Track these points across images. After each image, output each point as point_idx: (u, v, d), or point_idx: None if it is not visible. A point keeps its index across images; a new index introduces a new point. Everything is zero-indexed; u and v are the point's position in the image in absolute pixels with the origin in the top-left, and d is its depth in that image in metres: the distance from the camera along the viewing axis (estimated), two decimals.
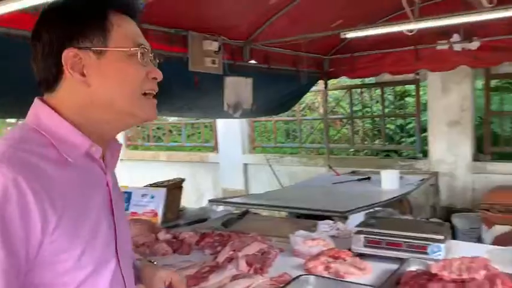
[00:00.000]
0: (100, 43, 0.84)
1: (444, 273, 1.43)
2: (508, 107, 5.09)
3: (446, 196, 4.99)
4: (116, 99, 0.86)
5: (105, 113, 0.87)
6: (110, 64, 0.85)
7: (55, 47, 0.84)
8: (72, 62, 0.83)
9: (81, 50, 0.83)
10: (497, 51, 4.33)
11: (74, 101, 0.86)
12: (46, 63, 0.85)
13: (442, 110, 5.01)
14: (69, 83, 0.85)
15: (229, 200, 3.60)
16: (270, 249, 1.95)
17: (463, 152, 4.92)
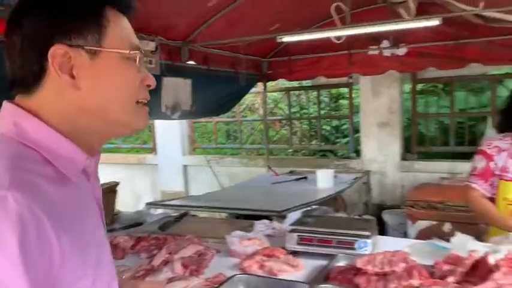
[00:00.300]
0: (94, 42, 0.74)
1: (368, 267, 1.53)
2: (433, 109, 5.45)
3: (378, 193, 5.27)
4: (109, 107, 0.76)
5: (94, 121, 0.76)
6: (104, 66, 0.75)
7: (40, 41, 0.71)
8: (60, 61, 0.71)
9: (72, 47, 0.72)
10: (423, 57, 4.64)
11: (58, 106, 0.74)
12: (25, 60, 0.73)
13: (373, 112, 5.28)
14: (53, 85, 0.73)
15: (167, 203, 3.56)
16: (207, 250, 1.97)
17: (392, 151, 5.22)
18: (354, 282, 1.51)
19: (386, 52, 4.77)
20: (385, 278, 1.48)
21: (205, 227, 2.71)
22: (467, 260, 1.49)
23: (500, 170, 2.19)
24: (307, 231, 1.97)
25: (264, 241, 2.06)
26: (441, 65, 4.61)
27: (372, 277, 1.50)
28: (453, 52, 4.48)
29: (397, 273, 1.47)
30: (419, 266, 1.52)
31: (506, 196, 2.16)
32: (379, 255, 1.59)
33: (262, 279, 1.61)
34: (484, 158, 2.24)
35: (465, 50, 4.44)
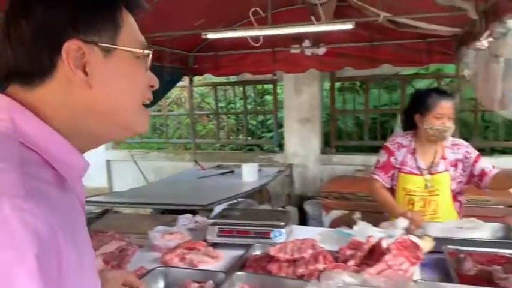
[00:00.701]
0: (109, 39, 0.70)
1: (280, 255, 1.67)
2: (350, 106, 5.81)
3: (300, 185, 5.53)
4: (119, 108, 0.73)
5: (100, 123, 0.72)
6: (117, 65, 0.71)
7: (54, 34, 0.66)
8: (74, 57, 0.67)
9: (87, 43, 0.67)
10: (340, 57, 4.94)
11: (63, 104, 0.69)
12: (35, 52, 0.66)
13: (295, 108, 5.52)
14: (61, 81, 0.68)
15: (89, 199, 3.50)
16: (129, 246, 2.00)
17: (312, 146, 5.50)
18: (267, 269, 1.65)
19: (307, 51, 5.01)
20: (295, 264, 1.63)
21: (128, 223, 2.73)
22: (366, 244, 1.68)
23: (400, 164, 2.46)
24: (227, 224, 2.08)
25: (185, 235, 2.14)
26: (357, 65, 4.95)
27: (283, 263, 1.65)
28: (367, 53, 4.83)
29: (305, 259, 1.63)
30: (324, 252, 1.69)
31: (405, 187, 2.44)
32: (290, 243, 1.74)
33: (182, 270, 1.69)
34: (387, 153, 2.51)
35: (378, 52, 4.80)
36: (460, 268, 1.66)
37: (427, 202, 2.38)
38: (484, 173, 2.33)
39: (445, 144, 2.44)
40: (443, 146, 2.44)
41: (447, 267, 1.67)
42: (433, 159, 2.41)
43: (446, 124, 2.31)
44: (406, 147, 2.48)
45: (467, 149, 2.42)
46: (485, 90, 3.15)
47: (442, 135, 2.34)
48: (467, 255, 1.73)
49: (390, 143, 2.54)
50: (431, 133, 2.35)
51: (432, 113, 2.33)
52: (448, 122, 2.32)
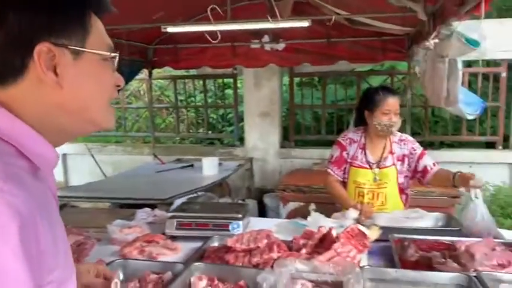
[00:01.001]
0: (78, 42, 0.74)
1: (237, 245, 1.74)
2: (308, 101, 5.95)
3: (259, 179, 5.63)
4: (89, 106, 0.78)
5: (70, 120, 0.77)
6: (86, 67, 0.76)
7: (26, 38, 0.70)
8: (45, 59, 0.71)
9: (57, 46, 0.72)
10: (299, 53, 5.05)
11: (35, 103, 0.73)
12: (8, 54, 0.70)
13: (255, 103, 5.60)
14: (32, 81, 0.72)
15: None
16: (86, 240, 2.01)
17: (272, 139, 5.61)
18: (225, 259, 1.72)
19: (267, 46, 5.09)
20: (250, 254, 1.71)
21: (86, 217, 2.71)
22: (317, 234, 1.78)
23: (351, 158, 2.59)
24: (186, 217, 2.13)
25: (144, 228, 2.17)
26: (315, 61, 5.08)
27: (240, 253, 1.72)
28: (325, 50, 4.97)
29: (260, 249, 1.71)
30: (279, 242, 1.77)
31: (355, 180, 2.57)
32: (246, 234, 1.81)
33: (140, 262, 1.72)
34: (339, 148, 2.63)
35: (335, 49, 4.95)
36: (403, 254, 1.79)
37: (375, 194, 2.52)
38: (426, 170, 2.48)
39: (393, 139, 2.58)
40: (392, 141, 2.58)
41: (392, 254, 1.80)
42: (382, 154, 2.55)
43: (393, 119, 2.45)
44: (357, 142, 2.61)
45: (413, 145, 2.57)
46: (432, 87, 3.35)
47: (390, 130, 2.48)
48: (410, 242, 1.86)
49: (342, 139, 2.67)
50: (379, 128, 2.48)
51: (380, 109, 2.46)
52: (394, 117, 2.46)
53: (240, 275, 1.57)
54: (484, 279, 1.45)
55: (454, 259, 1.72)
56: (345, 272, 1.46)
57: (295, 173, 4.16)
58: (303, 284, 1.47)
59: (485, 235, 1.91)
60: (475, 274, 1.51)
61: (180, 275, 1.53)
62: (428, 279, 1.52)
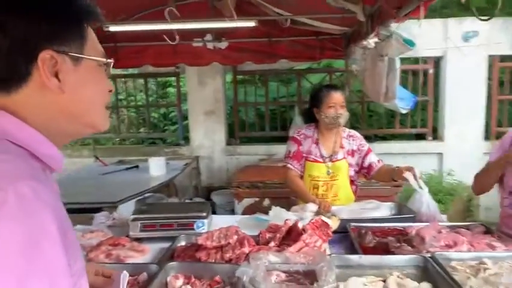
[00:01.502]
0: (78, 50, 0.79)
1: (208, 243, 1.77)
2: (251, 98, 6.06)
3: (206, 177, 5.65)
4: (89, 110, 0.83)
5: (71, 123, 0.81)
6: (85, 73, 0.80)
7: (29, 45, 0.73)
8: (48, 65, 0.74)
9: (59, 53, 0.75)
10: (241, 52, 5.12)
11: (39, 107, 0.76)
12: (12, 61, 0.73)
13: (199, 101, 5.60)
14: (36, 87, 0.75)
15: None
16: None
17: (218, 137, 5.65)
18: (196, 257, 1.75)
19: (209, 45, 5.10)
20: (222, 250, 1.76)
21: None
22: (283, 227, 1.87)
23: (306, 153, 2.71)
24: (149, 218, 2.12)
25: (106, 232, 2.13)
26: (257, 60, 5.18)
27: (211, 250, 1.76)
28: (266, 49, 5.09)
29: (231, 245, 1.76)
30: (248, 237, 1.83)
31: (310, 173, 2.69)
32: (216, 232, 1.85)
33: (111, 265, 1.70)
34: (296, 144, 2.74)
35: (276, 48, 5.08)
36: (362, 241, 1.93)
37: (329, 186, 2.66)
38: (371, 167, 2.67)
39: (343, 135, 2.74)
40: (341, 136, 2.73)
41: (352, 242, 1.93)
42: (334, 148, 2.70)
43: (339, 111, 2.60)
44: (310, 137, 2.74)
45: (361, 142, 2.74)
46: (372, 84, 3.58)
47: (337, 122, 2.62)
48: (367, 230, 2.01)
49: (297, 135, 2.78)
50: (327, 121, 2.62)
51: (325, 103, 2.61)
52: (340, 109, 2.61)
53: (215, 271, 1.61)
54: (437, 259, 1.61)
55: (407, 243, 1.88)
56: (316, 261, 1.55)
57: (247, 170, 4.24)
58: (278, 275, 1.55)
59: (432, 220, 2.11)
60: (430, 255, 1.67)
61: (156, 276, 1.55)
62: (389, 263, 1.66)
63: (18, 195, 0.63)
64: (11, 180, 0.65)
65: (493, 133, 5.50)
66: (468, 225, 2.10)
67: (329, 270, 1.44)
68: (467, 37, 5.24)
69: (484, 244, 1.83)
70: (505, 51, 5.29)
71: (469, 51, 5.22)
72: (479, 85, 5.29)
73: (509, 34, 5.19)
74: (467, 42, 5.23)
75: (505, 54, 5.36)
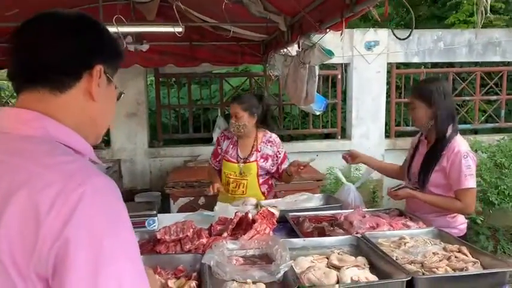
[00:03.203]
0: (112, 73, 0.97)
1: (166, 237, 1.90)
2: (174, 100, 6.11)
3: (128, 180, 5.59)
4: (104, 121, 1.00)
5: (91, 128, 0.96)
6: (110, 91, 0.98)
7: (90, 54, 0.91)
8: (97, 76, 0.91)
9: (103, 70, 0.92)
10: (163, 55, 5.16)
11: (79, 111, 0.91)
12: (74, 61, 0.89)
13: (120, 103, 5.36)
14: (80, 92, 0.91)
15: None
16: None
17: (140, 140, 5.62)
18: (156, 251, 1.86)
19: (130, 47, 5.07)
20: (180, 242, 1.89)
21: None
22: (235, 218, 2.06)
23: (224, 152, 2.97)
24: None
25: None
26: (179, 63, 5.26)
27: (170, 243, 1.88)
28: (188, 52, 5.19)
29: (189, 237, 1.90)
30: (203, 229, 1.99)
31: (225, 171, 2.96)
32: (172, 226, 1.97)
33: None
34: (216, 143, 3.04)
35: (198, 51, 5.21)
36: (301, 228, 2.19)
37: (238, 184, 2.92)
38: (283, 172, 2.96)
39: (262, 139, 2.97)
40: (260, 140, 2.97)
41: (291, 229, 2.18)
42: (250, 151, 2.95)
43: (233, 121, 2.87)
44: (230, 139, 3.01)
45: (278, 149, 2.99)
46: (293, 89, 3.89)
47: (239, 130, 2.89)
48: (305, 218, 2.28)
49: (220, 135, 3.10)
50: (232, 129, 2.90)
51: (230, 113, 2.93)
52: (236, 120, 2.86)
53: (177, 261, 1.75)
54: (368, 238, 1.92)
55: (339, 227, 2.19)
56: (270, 245, 1.77)
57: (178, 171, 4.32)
58: (237, 259, 1.74)
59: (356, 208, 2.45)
60: (361, 235, 1.98)
61: None
62: (329, 243, 1.94)
63: (94, 188, 0.76)
64: (86, 176, 0.77)
65: (392, 132, 6.21)
66: (385, 210, 2.48)
67: (284, 251, 1.66)
68: (369, 46, 5.87)
69: (400, 224, 2.20)
70: (401, 59, 6.02)
71: (371, 58, 5.85)
72: (380, 89, 5.94)
73: (403, 44, 5.91)
74: (369, 50, 5.85)
75: (401, 61, 6.09)
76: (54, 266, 0.71)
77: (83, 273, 0.71)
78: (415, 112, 2.38)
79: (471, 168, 2.22)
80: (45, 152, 0.81)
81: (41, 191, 0.73)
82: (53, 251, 0.70)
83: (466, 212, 2.34)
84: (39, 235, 0.70)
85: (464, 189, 2.23)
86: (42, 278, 0.72)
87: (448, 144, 2.31)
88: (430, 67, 6.42)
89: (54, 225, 0.71)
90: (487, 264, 1.65)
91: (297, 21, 3.63)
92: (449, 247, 1.81)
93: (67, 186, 0.74)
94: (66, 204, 0.72)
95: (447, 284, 1.51)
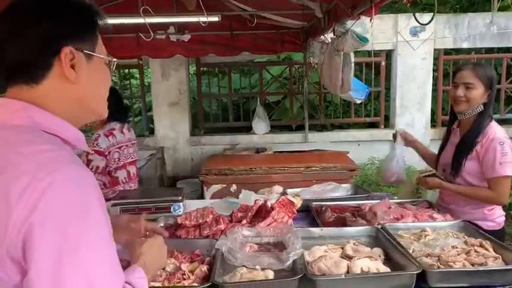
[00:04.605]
0: (90, 48, 0.93)
1: (187, 222, 1.96)
2: (214, 90, 6.21)
3: (171, 167, 5.78)
4: (96, 100, 0.98)
5: (82, 111, 0.96)
6: (95, 68, 0.95)
7: (55, 41, 0.88)
8: (68, 59, 0.89)
9: (76, 50, 0.90)
10: (204, 44, 5.24)
11: (60, 97, 0.91)
12: (38, 51, 0.87)
13: (163, 93, 5.70)
14: (56, 78, 0.90)
15: None
16: None
17: (182, 128, 5.78)
18: (177, 235, 1.94)
19: (172, 37, 5.19)
20: (200, 227, 1.95)
21: None
22: (254, 206, 2.09)
23: None
24: (128, 203, 2.28)
25: None
26: (220, 52, 5.32)
27: (190, 228, 1.95)
28: (229, 42, 5.23)
29: (208, 223, 1.96)
30: (222, 216, 2.04)
31: None
32: (193, 212, 2.04)
33: None
34: None
35: (238, 41, 5.24)
36: (322, 217, 2.18)
37: None
38: None
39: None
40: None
41: (313, 218, 2.18)
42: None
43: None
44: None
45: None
46: (329, 77, 3.84)
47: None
48: (327, 207, 2.27)
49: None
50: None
51: None
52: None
53: (195, 245, 1.80)
54: (387, 229, 1.88)
55: (362, 217, 2.15)
56: (284, 233, 1.79)
57: (212, 159, 4.42)
58: (251, 246, 1.77)
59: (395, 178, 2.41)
60: (380, 226, 1.94)
61: None
62: (346, 233, 1.92)
63: (65, 177, 0.79)
64: (58, 165, 0.80)
65: (439, 121, 5.96)
66: (414, 201, 2.41)
67: (295, 239, 1.67)
68: (415, 32, 5.64)
69: (426, 216, 2.13)
70: (449, 45, 5.74)
71: (417, 45, 5.62)
72: (426, 76, 5.71)
73: (452, 29, 5.63)
74: (415, 36, 5.63)
75: (449, 48, 5.81)
76: (22, 250, 0.75)
77: (46, 258, 0.74)
78: (471, 92, 2.20)
79: (507, 155, 2.10)
80: (25, 141, 0.83)
81: (14, 179, 0.76)
82: (20, 235, 0.74)
83: (498, 202, 2.21)
84: (10, 221, 0.74)
85: (497, 177, 2.12)
86: (16, 261, 0.76)
87: (483, 130, 2.20)
88: (483, 53, 6.06)
89: (22, 212, 0.74)
90: (510, 261, 1.57)
91: (332, 8, 3.56)
92: (471, 241, 1.74)
93: (37, 175, 0.76)
94: (35, 192, 0.75)
95: (460, 279, 1.46)
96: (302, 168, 3.93)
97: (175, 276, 1.55)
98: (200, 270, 1.56)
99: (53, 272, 0.74)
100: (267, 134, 5.79)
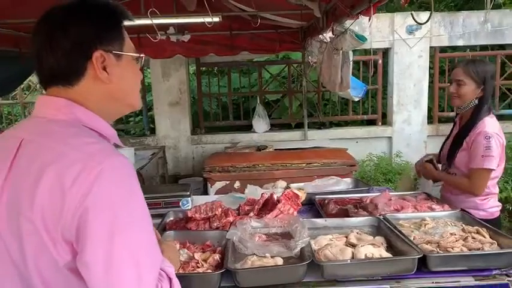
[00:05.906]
0: (119, 48, 1.01)
1: (196, 215, 2.05)
2: (214, 89, 6.28)
3: (173, 166, 5.86)
4: (129, 94, 1.06)
5: (117, 106, 1.05)
6: (125, 66, 1.03)
7: (86, 46, 0.96)
8: (99, 61, 0.97)
9: (106, 52, 0.97)
10: (204, 44, 5.32)
11: (97, 95, 0.99)
12: (71, 58, 0.95)
13: (164, 92, 5.77)
14: (91, 79, 0.98)
15: None
16: None
17: (183, 127, 5.86)
18: (187, 228, 2.02)
19: (172, 38, 5.27)
20: (209, 220, 2.04)
21: None
22: (261, 199, 2.17)
23: None
24: None
25: None
26: (219, 52, 5.39)
27: (200, 221, 2.03)
28: (228, 41, 5.30)
29: (217, 216, 2.04)
30: (231, 209, 2.13)
31: None
32: (202, 206, 2.12)
33: None
34: None
35: (237, 40, 5.32)
36: (326, 209, 2.27)
37: None
38: None
39: None
40: None
41: (317, 211, 2.27)
42: None
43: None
44: None
45: None
46: (328, 75, 3.93)
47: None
48: (330, 200, 2.36)
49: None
50: None
51: None
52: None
53: (206, 237, 1.89)
54: (388, 219, 1.97)
55: (363, 209, 2.24)
56: (291, 223, 1.87)
57: (215, 157, 4.50)
58: (260, 236, 1.85)
59: None
60: (382, 217, 2.03)
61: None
62: (349, 223, 2.01)
63: (112, 166, 0.88)
64: (105, 155, 0.89)
65: (436, 118, 6.06)
66: (413, 194, 2.50)
67: (302, 229, 1.76)
68: (411, 30, 5.73)
69: (425, 207, 2.23)
70: (445, 43, 5.84)
71: (413, 43, 5.72)
72: (423, 74, 5.81)
73: (448, 27, 5.73)
74: (411, 34, 5.72)
75: (444, 45, 5.91)
76: (76, 231, 0.84)
77: (99, 237, 0.83)
78: (462, 88, 2.35)
79: (491, 149, 2.21)
80: (72, 134, 0.93)
81: (66, 168, 0.85)
82: (75, 218, 0.83)
83: (472, 192, 2.32)
84: (65, 205, 0.83)
85: (476, 168, 2.25)
86: (68, 241, 0.85)
87: (477, 124, 2.31)
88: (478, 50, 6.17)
89: (75, 197, 0.83)
90: (505, 246, 1.67)
91: (331, 7, 3.64)
92: (468, 228, 1.83)
93: (88, 164, 0.85)
94: (87, 179, 0.84)
95: (458, 262, 1.55)
96: (303, 164, 4.03)
97: (190, 265, 1.64)
98: (213, 258, 1.65)
99: (105, 250, 0.83)
100: (267, 132, 5.88)
